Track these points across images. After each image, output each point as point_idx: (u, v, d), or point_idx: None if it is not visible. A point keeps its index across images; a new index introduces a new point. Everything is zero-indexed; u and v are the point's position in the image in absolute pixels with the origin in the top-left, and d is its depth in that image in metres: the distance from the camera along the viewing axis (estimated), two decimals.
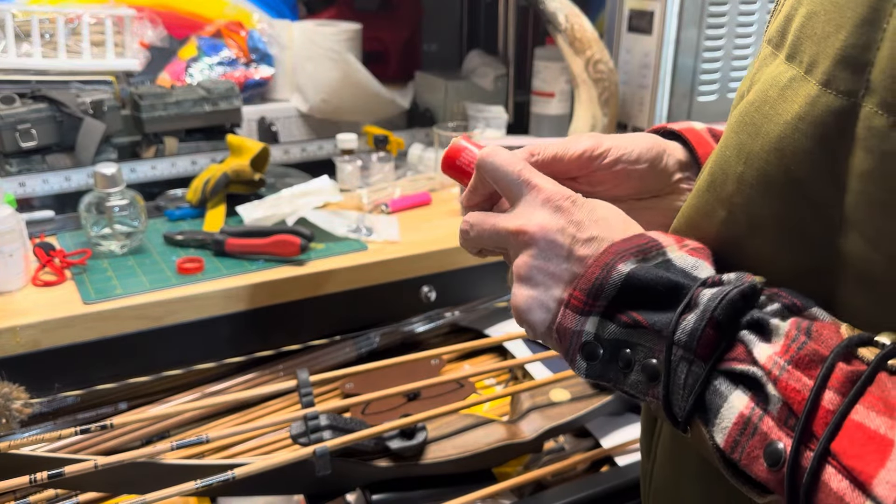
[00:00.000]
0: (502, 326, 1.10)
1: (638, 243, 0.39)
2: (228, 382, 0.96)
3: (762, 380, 0.33)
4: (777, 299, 0.35)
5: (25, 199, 1.10)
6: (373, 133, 1.29)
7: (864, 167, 0.32)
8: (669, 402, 0.36)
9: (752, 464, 0.33)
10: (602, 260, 0.39)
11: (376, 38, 1.51)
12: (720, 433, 0.34)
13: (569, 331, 0.40)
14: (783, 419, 0.32)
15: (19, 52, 1.17)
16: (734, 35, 1.23)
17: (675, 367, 0.36)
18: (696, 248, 0.40)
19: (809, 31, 0.35)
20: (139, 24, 1.27)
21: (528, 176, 0.43)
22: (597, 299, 0.39)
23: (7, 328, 0.82)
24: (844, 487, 0.30)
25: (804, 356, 0.32)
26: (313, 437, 0.73)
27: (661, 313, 0.37)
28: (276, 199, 1.09)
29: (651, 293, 0.37)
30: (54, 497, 0.75)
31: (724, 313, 0.34)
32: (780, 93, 0.36)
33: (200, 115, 1.22)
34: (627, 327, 0.38)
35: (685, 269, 0.38)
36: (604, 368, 0.39)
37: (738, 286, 0.35)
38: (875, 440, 0.29)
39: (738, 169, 0.38)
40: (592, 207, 0.42)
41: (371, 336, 1.04)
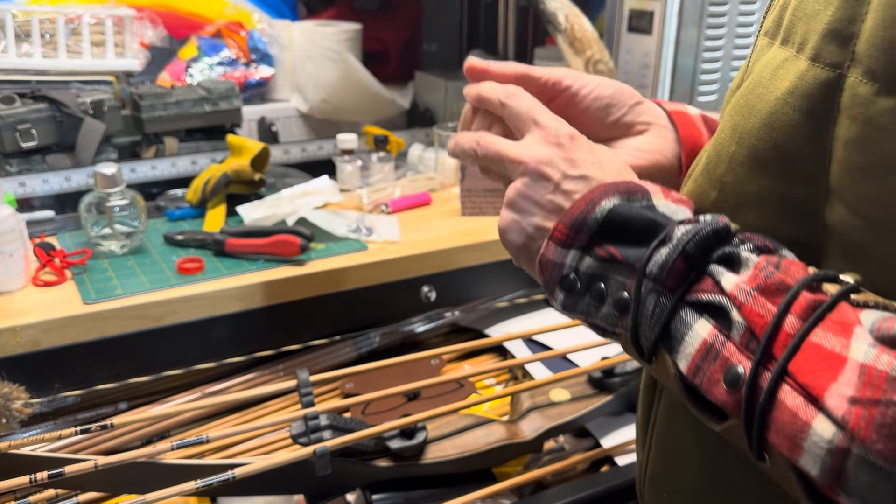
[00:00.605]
0: (502, 326, 1.10)
1: (626, 186, 0.41)
2: (228, 382, 0.96)
3: (727, 307, 0.35)
4: (749, 241, 0.36)
5: (26, 199, 1.10)
6: (373, 133, 1.29)
7: (849, 135, 0.34)
8: (637, 333, 0.38)
9: (712, 388, 0.34)
10: (588, 196, 0.40)
11: (376, 38, 1.52)
12: (683, 360, 0.36)
13: (550, 262, 0.41)
14: (745, 343, 0.34)
15: (19, 52, 1.17)
16: (734, 35, 1.23)
17: (644, 299, 0.37)
18: (680, 199, 0.41)
19: (801, 13, 0.36)
20: (139, 25, 1.27)
21: (537, 114, 0.45)
22: (579, 233, 0.40)
23: (7, 328, 0.82)
24: (799, 404, 0.31)
25: (770, 285, 0.33)
26: (313, 437, 0.73)
27: (636, 248, 0.38)
28: (276, 199, 1.09)
29: (630, 229, 0.39)
30: (54, 497, 0.75)
31: (695, 247, 0.36)
32: (773, 73, 0.37)
33: (200, 115, 1.22)
34: (603, 261, 0.39)
35: (666, 213, 0.39)
36: (579, 301, 0.41)
37: (712, 225, 0.37)
38: (830, 358, 0.30)
39: (730, 149, 0.40)
40: (592, 149, 0.44)
41: (371, 336, 1.04)
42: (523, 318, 1.13)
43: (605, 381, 0.90)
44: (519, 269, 0.46)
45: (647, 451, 0.52)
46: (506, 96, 0.47)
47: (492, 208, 1.14)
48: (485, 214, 1.14)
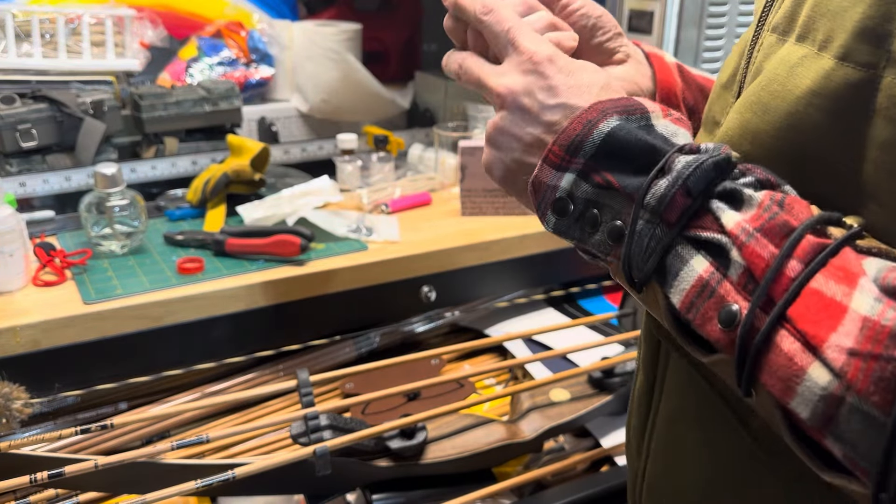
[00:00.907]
0: (502, 326, 1.10)
1: (625, 104, 0.39)
2: (228, 382, 0.96)
3: (727, 246, 0.34)
4: (751, 173, 0.35)
5: (26, 199, 1.10)
6: (373, 133, 1.29)
7: (885, 136, 0.33)
8: (630, 264, 0.37)
9: (705, 324, 0.34)
10: (585, 116, 0.39)
11: (376, 38, 1.51)
12: (677, 294, 0.35)
13: (543, 185, 0.40)
14: (742, 284, 0.33)
15: (20, 52, 1.17)
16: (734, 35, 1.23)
17: (640, 230, 0.36)
18: (679, 118, 0.40)
19: (823, 9, 0.35)
20: (139, 25, 1.27)
21: (515, 35, 0.43)
22: (574, 155, 0.38)
23: (7, 328, 0.82)
24: (796, 349, 0.30)
25: (774, 226, 0.33)
26: (313, 437, 0.73)
27: (634, 177, 0.37)
28: (276, 199, 1.09)
29: (628, 154, 0.37)
30: (54, 497, 0.75)
31: (696, 181, 0.35)
32: (790, 70, 0.36)
33: (201, 115, 1.22)
34: (599, 188, 0.38)
35: (665, 136, 0.38)
36: (571, 225, 0.40)
37: (713, 156, 0.35)
38: (831, 307, 0.30)
39: (743, 149, 0.38)
40: (570, 70, 0.41)
41: (371, 336, 1.04)
42: (523, 318, 1.13)
43: (604, 381, 0.90)
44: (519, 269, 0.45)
45: (645, 459, 0.51)
46: (483, 10, 0.44)
47: (492, 208, 1.14)
48: (485, 214, 1.14)
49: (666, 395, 0.48)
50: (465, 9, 0.45)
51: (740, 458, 0.42)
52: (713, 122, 0.44)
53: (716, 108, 0.44)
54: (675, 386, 0.46)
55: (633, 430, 0.53)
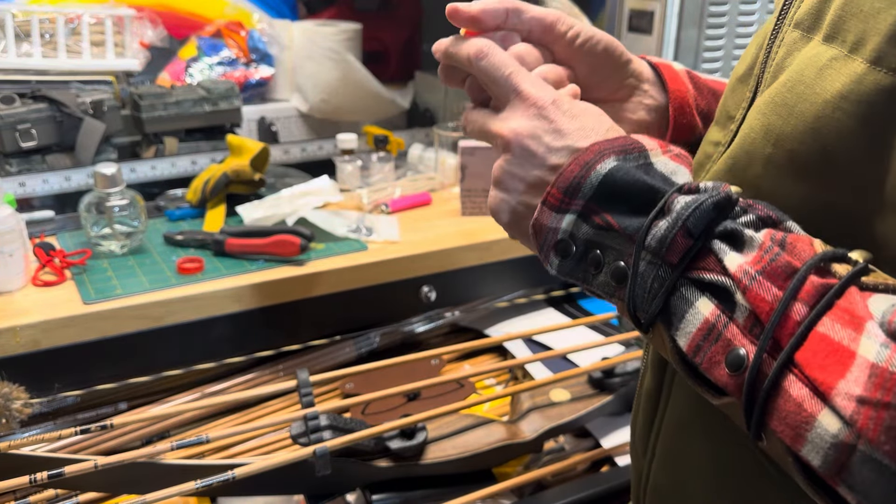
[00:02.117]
0: (502, 326, 1.10)
1: (622, 143, 0.39)
2: (228, 382, 0.96)
3: (731, 289, 0.33)
4: (752, 210, 0.35)
5: (25, 198, 1.10)
6: (373, 133, 1.29)
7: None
8: (635, 304, 0.36)
9: (712, 368, 0.34)
10: (582, 158, 0.38)
11: (376, 37, 1.51)
12: (683, 337, 0.35)
13: (544, 227, 0.40)
14: (748, 327, 0.33)
15: (19, 52, 1.17)
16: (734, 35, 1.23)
17: (643, 272, 0.36)
18: (679, 155, 0.39)
19: (854, 9, 0.34)
20: (139, 24, 1.27)
21: (517, 81, 0.42)
22: (573, 197, 0.38)
23: (7, 328, 0.81)
24: (804, 395, 0.30)
25: (776, 268, 0.32)
26: (313, 438, 0.73)
27: (634, 217, 0.37)
28: (276, 199, 1.09)
29: (627, 195, 0.37)
30: (54, 497, 0.75)
31: (696, 222, 0.34)
32: (819, 72, 0.35)
33: (200, 115, 1.22)
34: (600, 229, 0.38)
35: (664, 174, 0.37)
36: (575, 267, 0.39)
37: (713, 196, 0.35)
38: (838, 352, 0.29)
39: (765, 151, 0.37)
40: (575, 113, 0.41)
41: (371, 336, 1.04)
42: (523, 318, 1.13)
43: (605, 381, 0.90)
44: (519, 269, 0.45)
45: (650, 461, 0.51)
46: (477, 55, 0.43)
47: None
48: (485, 214, 1.14)
49: (674, 399, 0.47)
50: (456, 55, 0.44)
51: (747, 475, 0.42)
52: (727, 117, 0.43)
53: (730, 103, 0.43)
54: (684, 391, 0.46)
55: (638, 429, 0.53)
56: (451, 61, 0.45)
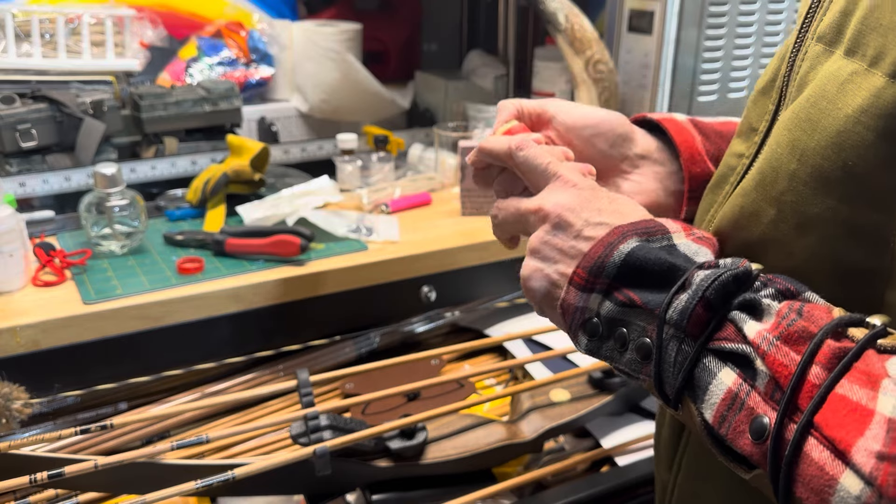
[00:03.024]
0: (502, 326, 1.10)
1: (645, 226, 0.40)
2: (228, 382, 0.96)
3: (751, 356, 0.34)
4: (771, 284, 0.36)
5: (25, 199, 1.10)
6: (373, 133, 1.29)
7: None
8: (661, 379, 0.37)
9: (737, 438, 0.34)
10: (606, 240, 0.40)
11: (376, 37, 1.51)
12: (709, 409, 0.35)
13: (571, 306, 0.41)
14: (769, 394, 0.33)
15: (19, 52, 1.17)
16: (734, 35, 1.23)
17: (666, 346, 0.36)
18: (702, 238, 0.40)
19: (874, 23, 0.34)
20: (139, 24, 1.27)
21: (556, 168, 0.45)
22: (598, 277, 0.39)
23: (7, 328, 0.81)
24: (825, 458, 0.30)
25: (793, 333, 0.33)
26: (313, 438, 0.73)
27: (656, 293, 0.37)
28: (276, 200, 1.09)
29: (649, 273, 0.38)
30: (54, 497, 0.75)
31: (715, 294, 0.35)
32: (840, 87, 0.35)
33: (200, 115, 1.22)
34: (623, 306, 0.39)
35: (687, 255, 0.38)
36: (602, 345, 0.40)
37: (732, 270, 0.36)
38: (857, 411, 0.29)
39: (790, 166, 0.37)
40: (613, 198, 0.43)
41: (371, 336, 1.04)
42: (523, 318, 1.13)
43: (605, 381, 0.90)
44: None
45: (676, 474, 0.50)
46: (518, 147, 0.47)
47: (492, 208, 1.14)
48: (485, 214, 1.14)
49: None
50: (495, 150, 0.48)
51: None
52: (750, 129, 0.44)
53: (753, 115, 0.44)
54: None
55: (663, 441, 0.52)
56: (490, 157, 0.49)
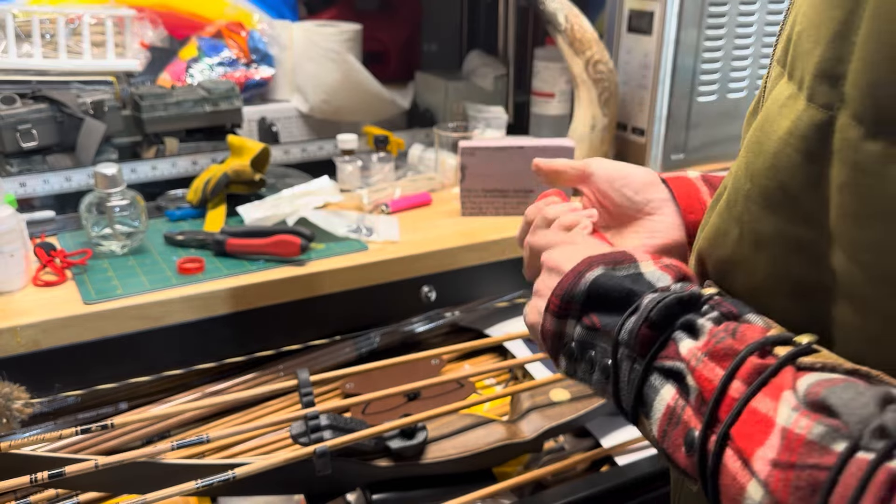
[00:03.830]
0: (502, 326, 1.10)
1: (613, 256, 0.43)
2: (229, 382, 0.97)
3: (683, 371, 0.36)
4: (717, 307, 0.38)
5: (26, 199, 1.10)
6: (373, 133, 1.29)
7: (841, 179, 0.33)
8: (619, 397, 0.40)
9: (675, 451, 0.36)
10: (577, 269, 0.43)
11: (376, 38, 1.52)
12: (654, 424, 0.37)
13: (549, 332, 0.44)
14: (698, 407, 0.35)
15: (20, 52, 1.17)
16: (734, 35, 1.24)
17: (621, 364, 0.39)
18: (668, 266, 0.43)
19: (800, 48, 0.36)
20: (140, 25, 1.27)
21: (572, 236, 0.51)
22: (570, 303, 0.43)
23: (7, 328, 0.82)
24: (737, 467, 0.32)
25: (720, 350, 0.34)
26: (314, 437, 0.73)
27: (615, 316, 0.40)
28: (276, 200, 1.09)
29: (612, 299, 0.41)
30: (55, 497, 0.75)
31: (658, 315, 0.38)
32: (779, 110, 0.37)
33: (201, 115, 1.22)
34: (589, 329, 0.42)
35: (650, 281, 0.41)
36: (577, 368, 0.43)
37: (677, 293, 0.38)
38: (762, 422, 0.31)
39: (745, 187, 0.39)
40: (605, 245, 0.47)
41: (371, 336, 1.04)
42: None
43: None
44: (519, 268, 0.50)
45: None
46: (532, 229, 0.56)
47: (491, 208, 1.14)
48: (485, 214, 1.14)
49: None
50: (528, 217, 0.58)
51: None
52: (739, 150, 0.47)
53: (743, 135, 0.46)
54: None
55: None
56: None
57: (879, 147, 0.31)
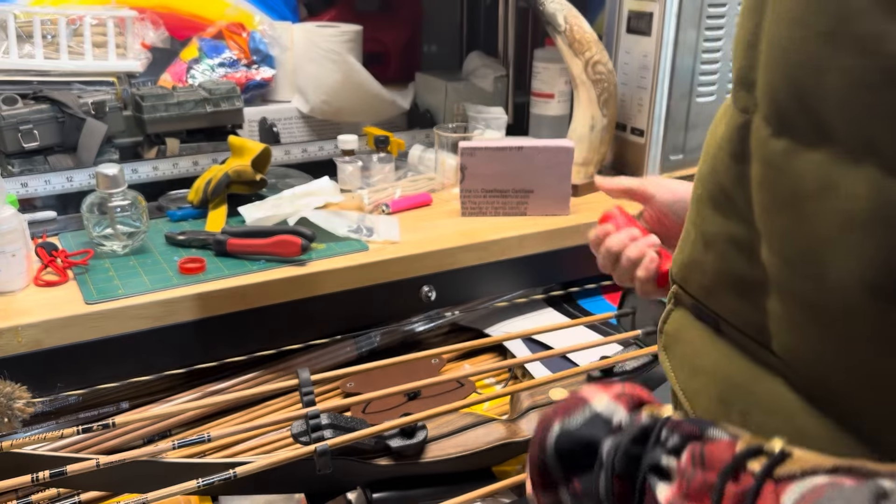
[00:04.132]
0: (502, 326, 1.11)
1: (566, 405, 0.40)
2: (230, 382, 0.97)
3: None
4: (677, 430, 0.35)
5: (28, 199, 1.10)
6: (373, 134, 1.30)
7: (757, 176, 0.36)
8: None
9: None
10: (536, 439, 0.40)
11: (377, 39, 1.52)
12: None
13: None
14: None
15: (21, 53, 1.17)
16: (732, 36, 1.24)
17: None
18: (621, 394, 0.40)
19: (734, 57, 0.39)
20: (141, 26, 1.27)
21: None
22: (548, 474, 0.39)
23: (9, 328, 0.82)
24: None
25: (694, 489, 0.32)
26: (314, 436, 0.73)
27: (588, 474, 0.37)
28: (277, 200, 1.09)
29: (578, 455, 0.38)
30: (56, 496, 0.76)
31: (621, 465, 0.35)
32: (720, 117, 0.40)
33: (202, 115, 1.22)
34: (575, 496, 0.39)
35: (606, 419, 0.38)
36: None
37: (630, 434, 0.36)
38: None
39: (698, 191, 0.42)
40: None
41: (372, 335, 1.04)
42: (523, 317, 1.13)
43: (604, 380, 0.90)
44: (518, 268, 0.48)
45: None
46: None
47: (491, 208, 1.14)
48: (484, 215, 1.15)
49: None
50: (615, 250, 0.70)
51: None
52: None
53: None
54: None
55: None
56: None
57: (783, 144, 0.34)
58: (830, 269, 0.33)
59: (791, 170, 0.34)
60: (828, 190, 0.33)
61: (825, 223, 0.33)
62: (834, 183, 0.33)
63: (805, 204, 0.34)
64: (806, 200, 0.34)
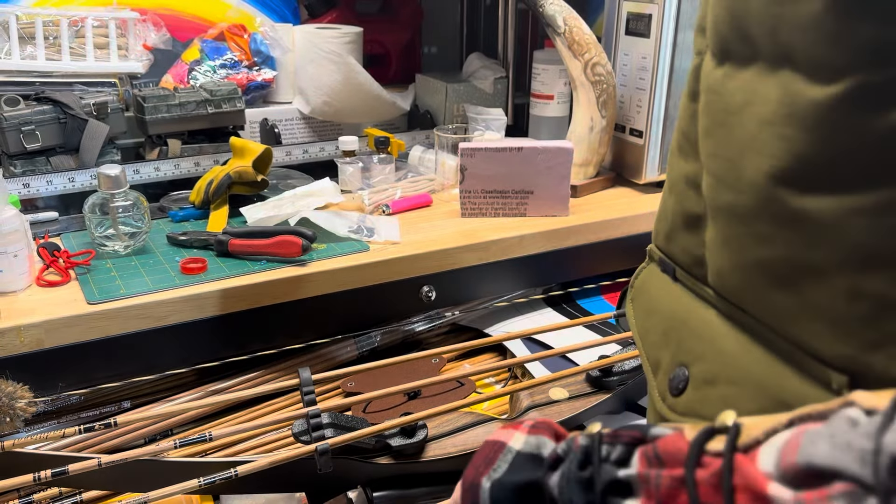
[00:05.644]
0: (502, 326, 1.11)
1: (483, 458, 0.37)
2: (231, 381, 0.97)
3: None
4: (618, 442, 0.34)
5: (30, 199, 1.11)
6: (374, 135, 1.30)
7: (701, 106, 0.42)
8: None
9: None
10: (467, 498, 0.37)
11: (377, 40, 1.52)
12: None
13: None
14: None
15: (23, 54, 1.18)
16: None
17: None
18: (536, 426, 0.38)
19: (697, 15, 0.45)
20: (142, 27, 1.28)
21: None
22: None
23: (11, 328, 0.82)
24: None
25: (664, 492, 0.31)
26: (315, 436, 0.74)
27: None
28: (278, 201, 1.10)
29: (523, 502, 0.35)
30: (58, 495, 0.76)
31: (577, 495, 0.33)
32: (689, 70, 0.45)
33: (203, 116, 1.23)
34: None
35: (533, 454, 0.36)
36: None
37: (575, 460, 0.34)
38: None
39: (672, 145, 0.48)
40: None
41: (372, 335, 1.05)
42: (523, 317, 1.14)
43: (603, 379, 0.91)
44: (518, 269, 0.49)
45: None
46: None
47: (491, 209, 1.15)
48: (484, 215, 1.15)
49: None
50: None
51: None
52: None
53: None
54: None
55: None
56: None
57: (723, 70, 0.39)
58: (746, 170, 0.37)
59: (725, 91, 0.39)
60: (750, 103, 0.37)
61: (745, 131, 0.37)
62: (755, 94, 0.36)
63: (732, 119, 0.38)
64: (733, 115, 0.38)
